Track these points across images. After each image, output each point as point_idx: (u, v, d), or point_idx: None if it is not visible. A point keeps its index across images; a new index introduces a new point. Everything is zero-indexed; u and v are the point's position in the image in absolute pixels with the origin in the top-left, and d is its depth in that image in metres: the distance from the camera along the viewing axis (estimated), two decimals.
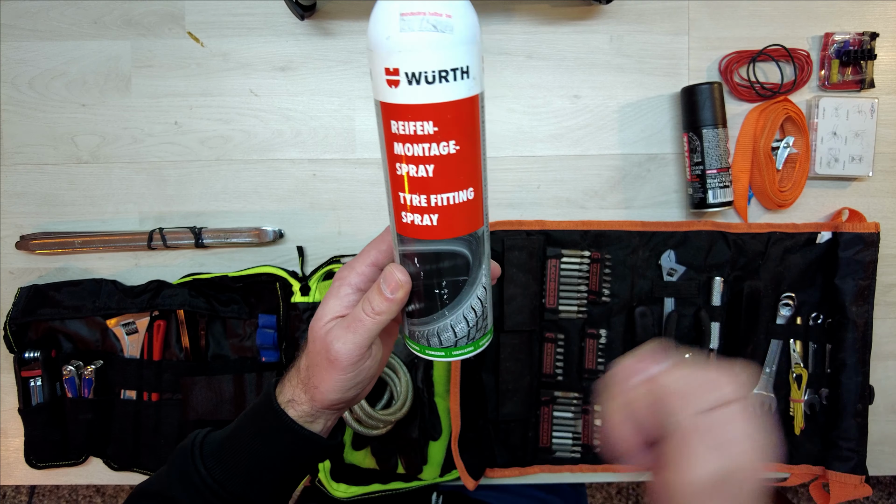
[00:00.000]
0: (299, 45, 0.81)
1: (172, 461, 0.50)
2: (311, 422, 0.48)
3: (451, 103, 0.35)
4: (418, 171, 0.37)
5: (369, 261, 0.45)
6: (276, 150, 0.82)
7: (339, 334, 0.44)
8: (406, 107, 0.35)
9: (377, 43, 0.35)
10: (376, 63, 0.35)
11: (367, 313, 0.43)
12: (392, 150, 0.37)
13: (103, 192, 0.82)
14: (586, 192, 0.82)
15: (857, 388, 0.77)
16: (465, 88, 0.35)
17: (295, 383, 0.48)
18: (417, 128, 0.36)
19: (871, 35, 0.79)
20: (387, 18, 0.34)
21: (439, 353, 0.43)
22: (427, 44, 0.34)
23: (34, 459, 0.80)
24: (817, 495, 0.80)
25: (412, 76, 0.34)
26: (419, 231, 0.39)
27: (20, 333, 0.78)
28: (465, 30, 0.34)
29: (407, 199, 0.38)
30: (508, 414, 0.79)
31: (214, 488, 0.47)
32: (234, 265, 0.82)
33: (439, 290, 0.41)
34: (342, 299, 0.45)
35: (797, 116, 0.79)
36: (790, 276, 0.80)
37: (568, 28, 0.81)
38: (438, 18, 0.33)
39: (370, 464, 0.80)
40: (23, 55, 0.81)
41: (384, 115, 0.37)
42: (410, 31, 0.33)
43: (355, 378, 0.45)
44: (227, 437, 0.50)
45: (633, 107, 0.81)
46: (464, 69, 0.35)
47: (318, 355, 0.45)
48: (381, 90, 0.36)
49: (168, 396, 0.79)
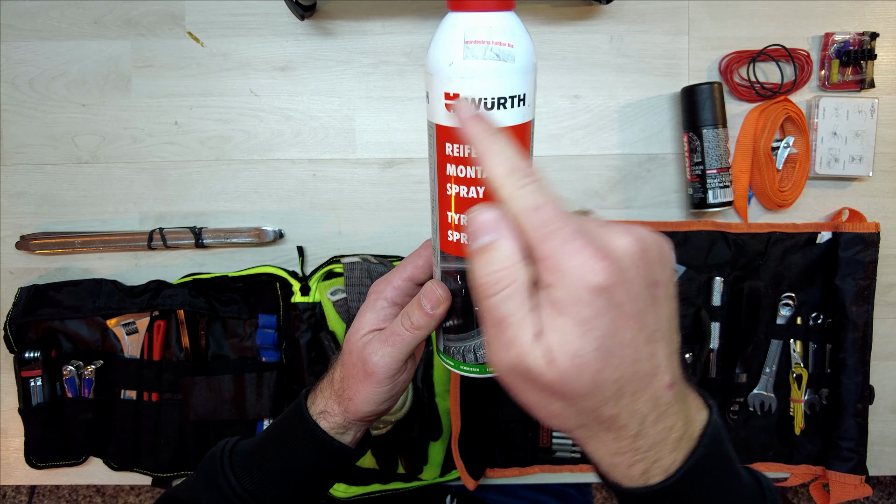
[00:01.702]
0: (299, 45, 0.81)
1: (201, 468, 0.50)
2: (342, 433, 0.48)
3: (506, 129, 0.36)
4: (469, 193, 0.38)
5: (405, 275, 0.46)
6: (276, 150, 0.82)
7: (376, 347, 0.44)
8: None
9: (438, 68, 0.36)
10: (436, 87, 0.36)
11: (405, 327, 0.43)
12: (444, 170, 0.38)
13: (103, 192, 0.82)
14: (586, 192, 0.82)
15: (858, 388, 0.77)
16: (521, 115, 0.36)
17: (328, 395, 0.48)
18: (472, 151, 0.37)
19: (872, 35, 0.79)
20: (451, 45, 0.35)
21: (475, 370, 0.44)
22: (489, 72, 0.35)
23: (34, 459, 0.80)
24: (817, 495, 0.80)
25: (472, 102, 0.35)
26: (464, 250, 0.40)
27: (20, 333, 0.78)
28: (525, 59, 0.35)
29: (454, 218, 0.39)
30: (508, 414, 0.79)
31: (244, 497, 0.47)
32: (234, 265, 0.82)
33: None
34: (378, 312, 0.46)
35: (797, 116, 0.79)
36: (790, 276, 0.80)
37: (568, 28, 0.81)
38: (502, 48, 0.34)
39: (370, 464, 0.80)
40: (23, 55, 0.81)
41: (439, 138, 0.38)
42: (474, 58, 0.34)
43: (391, 391, 0.46)
44: (258, 447, 0.50)
45: (634, 107, 0.81)
46: (521, 97, 0.36)
47: (354, 367, 0.45)
48: (439, 113, 0.37)
49: (168, 396, 0.79)
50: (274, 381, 0.77)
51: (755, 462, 0.81)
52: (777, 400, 0.81)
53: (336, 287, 0.77)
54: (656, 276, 0.30)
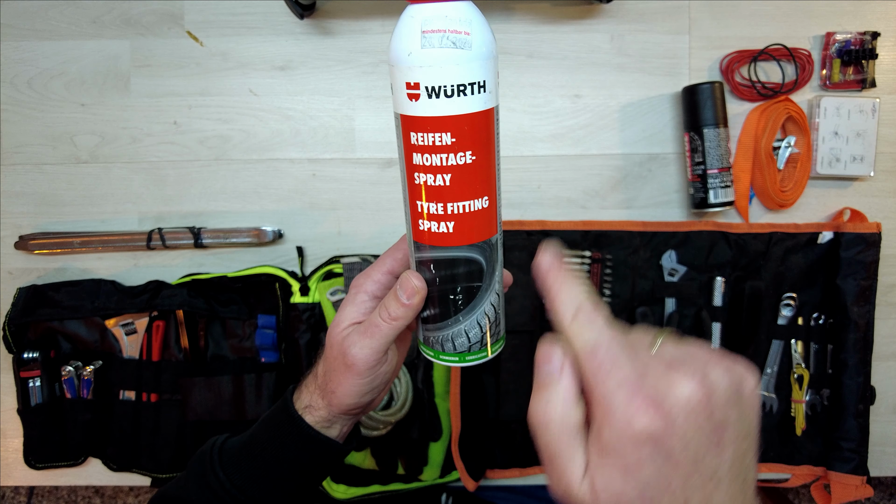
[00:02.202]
0: (299, 44, 0.80)
1: (191, 467, 0.51)
2: (328, 427, 0.49)
3: (468, 115, 0.37)
4: (436, 181, 0.39)
5: (385, 269, 0.46)
6: (276, 150, 0.81)
7: (356, 339, 0.45)
8: (426, 119, 0.37)
9: (399, 58, 0.37)
10: (398, 77, 0.37)
11: (383, 319, 0.44)
12: (411, 160, 0.39)
13: (102, 192, 0.82)
14: (587, 191, 0.82)
15: (859, 388, 0.77)
16: (482, 102, 0.37)
17: (312, 389, 0.49)
18: (436, 139, 0.37)
19: (873, 34, 0.79)
20: (409, 35, 0.36)
21: (453, 359, 0.44)
22: (447, 59, 0.36)
23: (33, 460, 0.80)
24: (818, 496, 0.80)
25: (432, 90, 0.36)
26: (435, 238, 0.41)
27: (19, 334, 0.78)
28: (482, 46, 0.37)
29: (424, 207, 0.40)
30: (509, 414, 0.78)
31: (233, 493, 0.48)
32: (234, 265, 0.82)
33: (454, 295, 0.42)
34: (359, 306, 0.46)
35: (798, 116, 0.78)
36: (791, 277, 0.80)
37: (569, 27, 0.80)
38: (458, 36, 0.36)
39: (370, 465, 0.80)
40: (22, 55, 0.81)
41: (404, 128, 0.38)
42: (431, 47, 0.35)
43: (371, 383, 0.46)
44: (246, 443, 0.50)
45: (634, 106, 0.81)
46: (480, 83, 0.37)
47: (335, 360, 0.46)
48: (402, 103, 0.38)
49: (167, 397, 0.79)
50: (273, 381, 0.77)
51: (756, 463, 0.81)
52: (778, 400, 0.81)
53: (336, 287, 0.77)
54: (723, 418, 0.29)
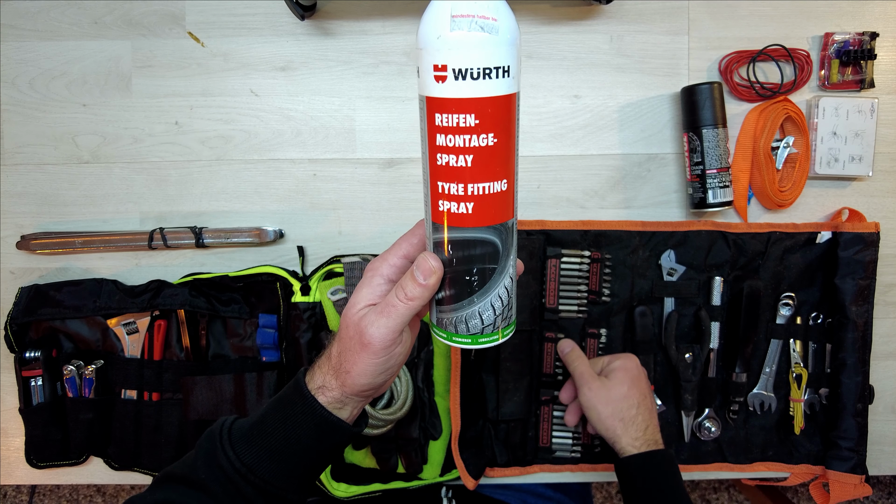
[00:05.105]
0: (299, 45, 0.81)
1: (200, 445, 0.51)
2: (340, 408, 0.49)
3: (492, 98, 0.39)
4: (458, 161, 0.40)
5: (401, 253, 0.47)
6: (277, 150, 0.82)
7: (372, 319, 0.45)
8: (451, 100, 0.39)
9: (427, 41, 0.38)
10: (425, 60, 0.39)
11: (400, 299, 0.44)
12: (434, 141, 0.40)
13: (104, 192, 0.82)
14: (586, 191, 0.82)
15: (857, 387, 0.77)
16: (506, 86, 0.39)
17: (326, 370, 0.49)
18: (460, 120, 0.39)
19: (871, 35, 0.79)
20: (438, 19, 0.38)
21: (465, 340, 0.45)
22: (475, 43, 0.37)
23: (35, 459, 0.80)
24: (817, 495, 0.80)
25: (459, 72, 0.38)
26: (454, 219, 0.42)
27: (21, 333, 0.78)
28: (508, 33, 0.38)
29: (445, 187, 0.41)
30: (508, 413, 0.79)
31: (242, 471, 0.48)
32: (235, 265, 0.82)
33: (470, 276, 0.43)
34: (374, 288, 0.47)
35: (797, 116, 0.79)
36: (790, 276, 0.80)
37: (568, 28, 0.81)
38: (486, 21, 0.37)
39: (370, 463, 0.80)
40: (23, 55, 0.81)
41: (429, 109, 0.40)
42: (460, 30, 0.37)
43: (386, 363, 0.47)
44: (256, 423, 0.50)
45: (633, 107, 0.81)
46: (505, 68, 0.38)
47: (350, 340, 0.47)
48: (428, 85, 0.39)
49: (169, 396, 0.79)
50: (274, 380, 0.77)
51: (755, 461, 0.81)
52: (777, 399, 0.81)
53: (336, 287, 0.77)
54: (637, 373, 0.73)
